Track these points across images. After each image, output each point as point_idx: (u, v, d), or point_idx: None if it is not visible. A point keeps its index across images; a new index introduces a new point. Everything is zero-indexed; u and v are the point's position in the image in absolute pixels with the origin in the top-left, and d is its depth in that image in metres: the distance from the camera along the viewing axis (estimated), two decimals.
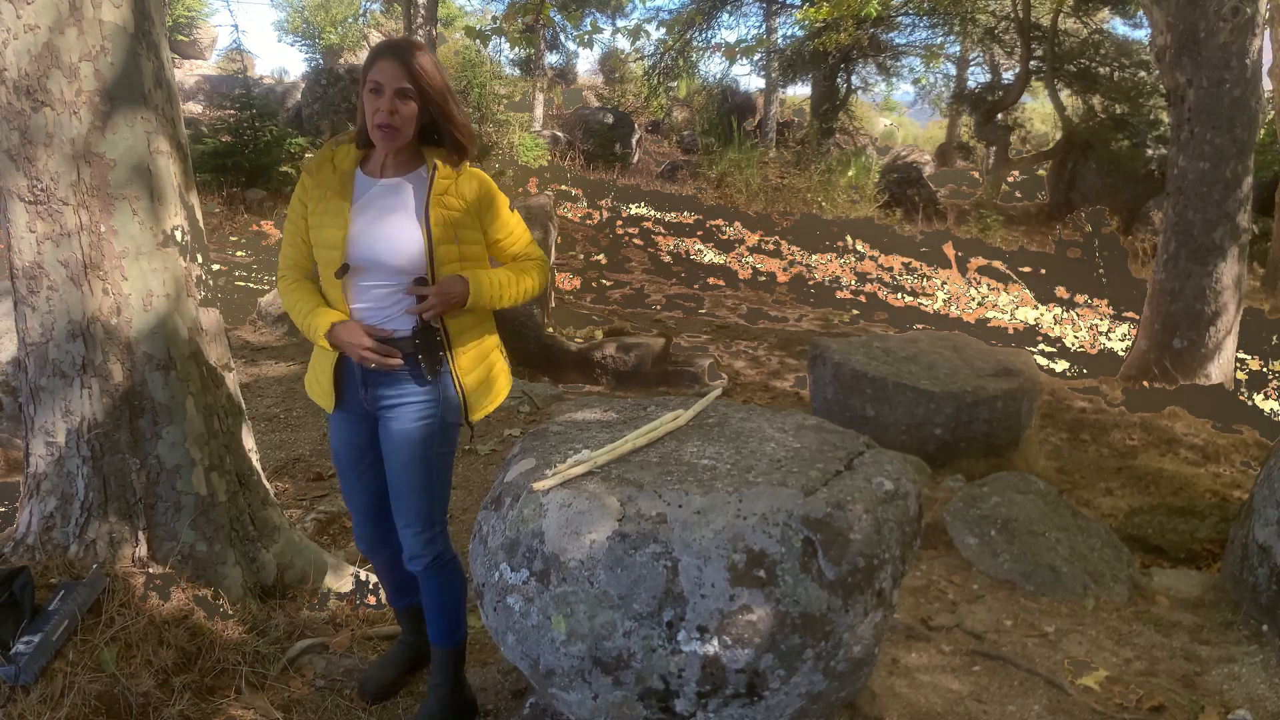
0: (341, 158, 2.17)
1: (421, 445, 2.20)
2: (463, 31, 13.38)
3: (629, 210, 14.49)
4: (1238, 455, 5.42)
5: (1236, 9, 6.25)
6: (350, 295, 2.16)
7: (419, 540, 2.26)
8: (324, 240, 2.15)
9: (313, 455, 4.53)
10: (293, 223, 2.24)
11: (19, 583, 2.33)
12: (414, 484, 2.22)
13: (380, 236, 2.11)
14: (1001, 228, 15.34)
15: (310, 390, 2.34)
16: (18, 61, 2.29)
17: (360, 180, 2.17)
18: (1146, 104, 15.44)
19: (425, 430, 2.19)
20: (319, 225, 2.17)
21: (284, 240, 2.28)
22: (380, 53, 2.05)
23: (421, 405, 2.18)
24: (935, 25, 17.76)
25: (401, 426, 2.19)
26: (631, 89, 22.96)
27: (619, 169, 18.47)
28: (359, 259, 2.12)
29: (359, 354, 2.11)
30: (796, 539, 1.73)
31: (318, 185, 2.17)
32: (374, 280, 2.14)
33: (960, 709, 2.51)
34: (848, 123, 19.77)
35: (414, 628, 2.56)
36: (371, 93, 2.04)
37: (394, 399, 2.19)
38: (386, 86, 2.02)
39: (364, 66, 2.07)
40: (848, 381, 4.69)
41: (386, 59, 2.02)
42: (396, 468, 2.23)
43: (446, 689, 2.37)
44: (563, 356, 6.58)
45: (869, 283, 11.36)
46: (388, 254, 2.11)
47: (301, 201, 2.22)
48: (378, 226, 2.12)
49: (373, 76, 2.03)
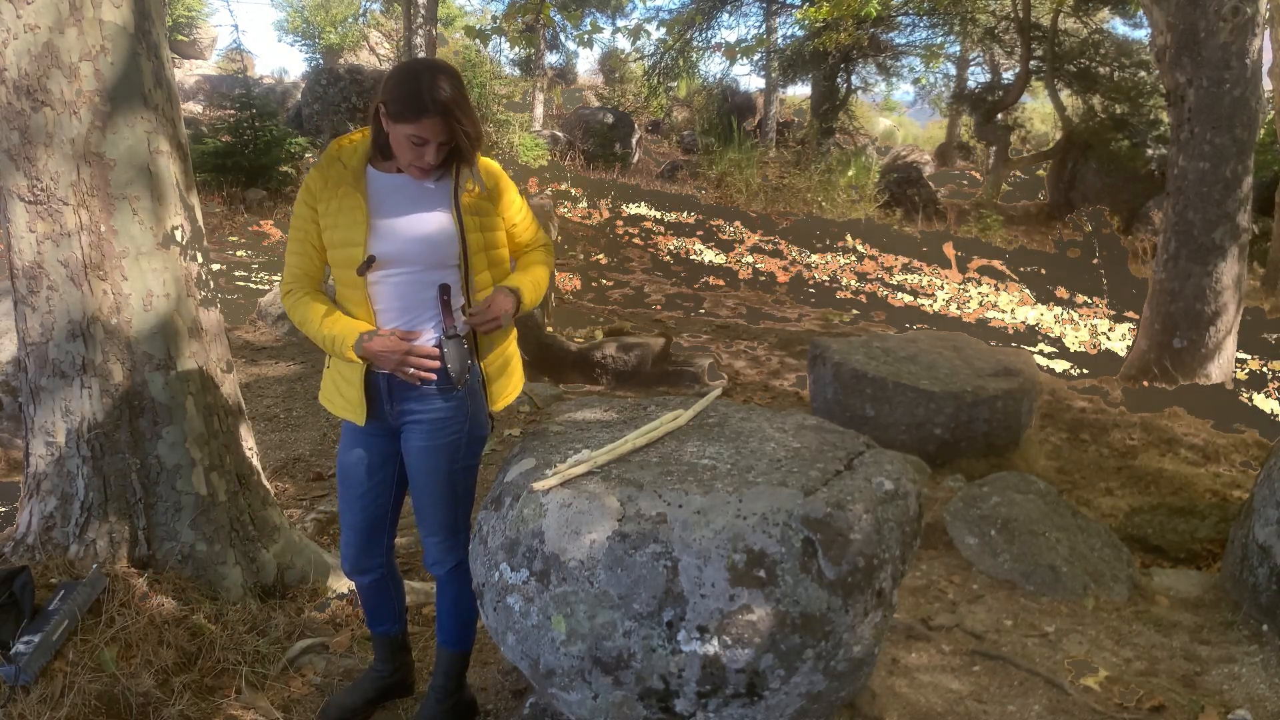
0: (349, 155, 2.10)
1: (447, 459, 2.16)
2: (463, 31, 13.38)
3: (629, 210, 14.49)
4: (1238, 455, 5.42)
5: (1236, 9, 6.25)
6: (374, 294, 2.08)
7: (441, 547, 2.24)
8: (342, 239, 2.06)
9: (313, 455, 4.53)
10: (299, 229, 2.13)
11: (19, 583, 2.33)
12: (440, 497, 2.19)
13: (409, 226, 2.05)
14: (1001, 228, 15.33)
15: (331, 405, 2.22)
16: (18, 61, 2.29)
17: (374, 175, 2.10)
18: (1146, 104, 15.43)
19: (452, 445, 2.15)
20: (334, 225, 2.07)
21: (289, 252, 2.16)
22: (426, 110, 1.93)
23: (448, 420, 2.13)
24: (935, 25, 17.76)
25: (428, 442, 2.14)
26: (631, 89, 22.96)
27: (619, 169, 18.46)
28: (387, 252, 2.04)
29: (398, 365, 2.03)
30: (796, 539, 1.73)
31: (327, 185, 2.08)
32: (399, 274, 2.06)
33: (960, 709, 2.51)
34: (848, 123, 19.76)
35: (387, 657, 2.46)
36: (414, 145, 1.97)
37: (420, 412, 2.13)
38: (432, 141, 1.97)
39: (399, 106, 1.94)
40: (848, 381, 4.69)
41: (434, 119, 1.93)
42: (421, 480, 2.18)
43: (448, 690, 2.36)
44: (563, 356, 6.58)
45: (869, 283, 11.36)
46: (418, 244, 2.05)
47: (308, 205, 2.10)
48: (405, 217, 2.05)
49: (418, 132, 1.95)
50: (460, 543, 2.24)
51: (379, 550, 2.32)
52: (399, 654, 2.48)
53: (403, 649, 2.49)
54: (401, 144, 1.99)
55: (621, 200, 15.06)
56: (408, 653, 2.52)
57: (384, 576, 2.36)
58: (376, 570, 2.34)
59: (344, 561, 2.35)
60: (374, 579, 2.35)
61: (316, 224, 2.11)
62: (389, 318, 2.10)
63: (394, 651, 2.46)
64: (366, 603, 2.42)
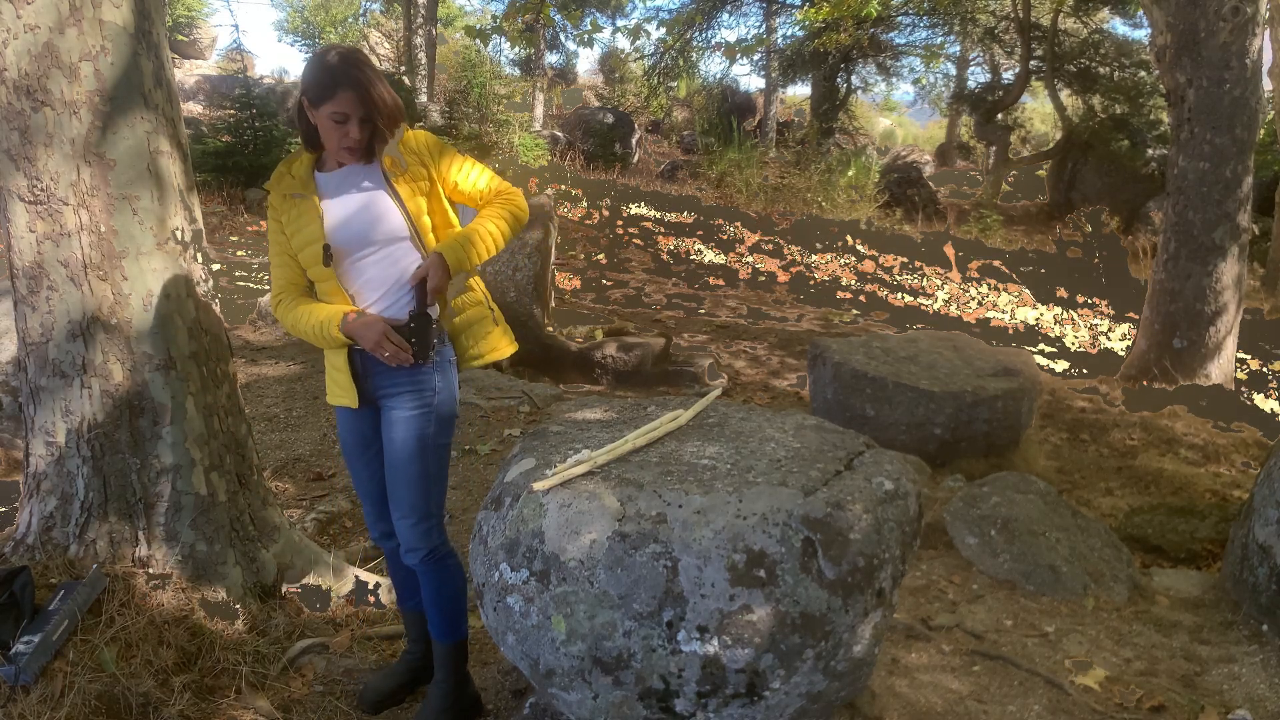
0: (297, 166, 2.26)
1: (417, 434, 2.23)
2: (463, 31, 13.38)
3: (629, 210, 14.49)
4: (1238, 455, 5.42)
5: (1236, 9, 6.25)
6: (346, 281, 2.23)
7: (414, 532, 2.28)
8: (305, 239, 2.21)
9: (313, 455, 4.53)
10: (275, 244, 2.30)
11: (19, 583, 2.33)
12: (410, 474, 2.25)
13: (354, 210, 2.19)
14: (1001, 228, 15.33)
15: (332, 396, 2.36)
16: (18, 61, 2.29)
17: (320, 178, 2.25)
18: (1146, 104, 15.44)
19: (421, 419, 2.23)
20: (297, 230, 2.22)
21: (272, 266, 2.33)
22: (340, 84, 2.07)
23: (418, 394, 2.22)
24: (935, 25, 17.77)
25: (399, 415, 2.23)
26: (631, 89, 22.96)
27: (619, 169, 18.47)
28: (344, 239, 2.19)
29: (375, 344, 2.14)
30: (796, 539, 1.73)
31: (283, 198, 2.25)
32: (359, 256, 2.20)
33: (960, 709, 2.51)
34: (848, 123, 19.77)
35: (418, 635, 2.55)
36: (337, 123, 2.10)
37: (392, 387, 2.24)
38: (352, 116, 2.09)
39: (317, 89, 2.10)
40: (848, 381, 4.69)
41: (347, 91, 2.07)
42: (393, 457, 2.26)
43: (449, 685, 2.37)
44: (563, 356, 6.58)
45: (869, 283, 11.36)
46: (365, 225, 2.18)
47: (275, 220, 2.28)
48: (349, 203, 2.20)
49: (337, 108, 2.08)
50: (432, 528, 2.29)
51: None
52: (428, 631, 2.51)
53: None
54: (327, 128, 2.12)
55: (621, 200, 15.06)
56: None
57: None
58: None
59: (371, 530, 2.49)
60: (398, 545, 2.43)
61: (285, 235, 2.27)
62: (365, 299, 2.23)
63: (423, 629, 2.51)
64: (394, 574, 2.51)
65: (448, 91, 18.07)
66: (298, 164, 2.27)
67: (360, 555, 3.38)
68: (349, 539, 3.61)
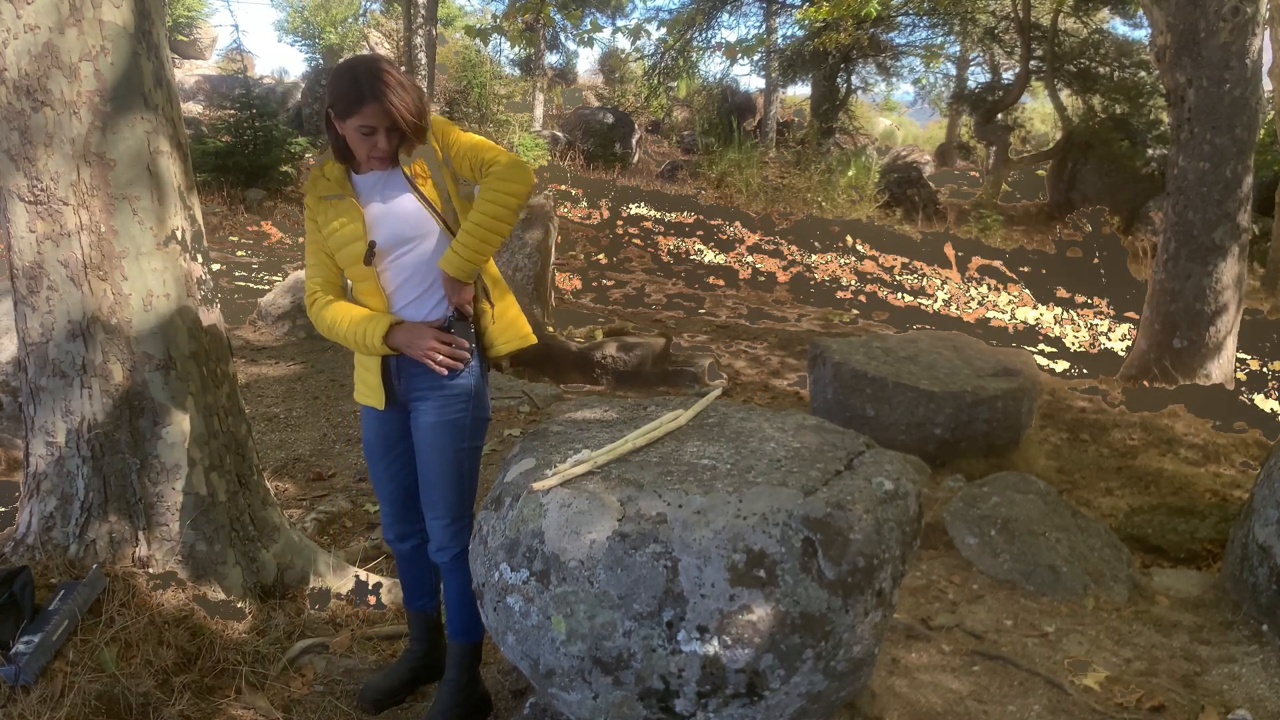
0: (330, 170, 2.28)
1: (452, 436, 2.25)
2: (463, 31, 13.37)
3: (629, 210, 14.49)
4: (1238, 455, 5.42)
5: (1236, 9, 6.25)
6: (385, 280, 2.25)
7: (447, 532, 2.30)
8: (344, 237, 2.23)
9: (313, 455, 4.53)
10: (312, 242, 2.33)
11: (19, 583, 2.33)
12: (445, 475, 2.27)
13: (388, 210, 2.22)
14: (1001, 228, 15.33)
15: (359, 395, 2.38)
16: (18, 61, 2.29)
17: (356, 179, 2.28)
18: (1146, 104, 15.44)
19: (458, 422, 2.25)
20: (334, 230, 2.25)
21: (308, 264, 2.35)
22: (365, 98, 2.07)
23: (453, 397, 2.24)
24: (935, 25, 17.76)
25: (433, 418, 2.25)
26: (631, 89, 22.95)
27: (619, 169, 18.47)
28: (385, 238, 2.21)
29: (425, 352, 2.16)
30: (796, 539, 1.73)
31: (319, 200, 2.27)
32: (399, 254, 2.22)
33: (960, 709, 2.51)
34: (848, 123, 19.76)
35: (421, 635, 2.56)
36: (364, 135, 2.12)
37: (426, 390, 2.25)
38: (379, 128, 2.10)
39: (343, 103, 2.10)
40: (848, 381, 4.69)
41: (372, 104, 2.07)
42: (427, 458, 2.28)
43: (461, 684, 2.38)
44: (563, 356, 6.58)
45: (869, 283, 11.36)
46: (400, 223, 2.21)
47: (312, 220, 2.31)
48: (388, 206, 2.23)
49: (363, 121, 2.09)
50: (465, 527, 2.31)
51: (416, 517, 2.43)
52: (432, 633, 2.56)
53: (436, 628, 2.57)
54: (355, 139, 2.14)
55: (621, 200, 15.06)
56: (441, 633, 2.57)
57: (423, 544, 2.45)
58: (416, 536, 2.46)
59: (385, 531, 2.51)
60: (414, 544, 2.48)
61: (322, 234, 2.30)
62: (403, 296, 2.26)
63: (428, 630, 2.55)
64: (404, 574, 2.53)
65: (448, 91, 18.08)
66: (330, 165, 2.30)
67: (360, 555, 3.38)
68: (349, 539, 3.61)
